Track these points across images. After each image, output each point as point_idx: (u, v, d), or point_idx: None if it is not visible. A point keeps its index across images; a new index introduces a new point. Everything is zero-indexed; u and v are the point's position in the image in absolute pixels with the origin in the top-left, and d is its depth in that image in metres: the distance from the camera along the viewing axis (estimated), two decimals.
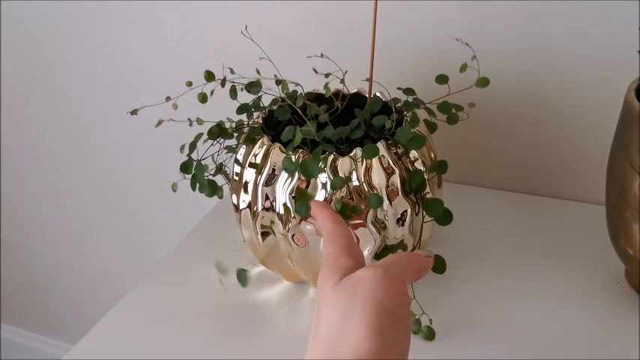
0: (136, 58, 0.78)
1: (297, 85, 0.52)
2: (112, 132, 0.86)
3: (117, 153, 0.88)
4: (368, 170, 0.45)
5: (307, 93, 0.54)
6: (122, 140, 0.86)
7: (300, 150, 0.45)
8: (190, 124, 0.50)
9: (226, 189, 0.53)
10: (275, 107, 0.52)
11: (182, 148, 0.51)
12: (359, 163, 0.45)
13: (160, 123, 0.51)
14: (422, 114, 0.52)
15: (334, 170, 0.44)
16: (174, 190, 0.56)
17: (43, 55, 0.84)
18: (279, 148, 0.46)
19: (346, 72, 0.49)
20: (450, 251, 0.53)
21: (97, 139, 0.88)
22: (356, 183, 0.45)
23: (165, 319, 0.51)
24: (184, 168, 0.50)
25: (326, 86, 0.51)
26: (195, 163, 0.50)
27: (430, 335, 0.45)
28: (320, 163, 0.43)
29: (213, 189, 0.52)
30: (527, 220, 0.59)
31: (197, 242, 0.59)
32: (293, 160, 0.44)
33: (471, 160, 0.66)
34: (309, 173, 0.42)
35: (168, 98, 0.54)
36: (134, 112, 0.54)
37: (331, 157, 0.44)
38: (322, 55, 0.48)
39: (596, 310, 0.48)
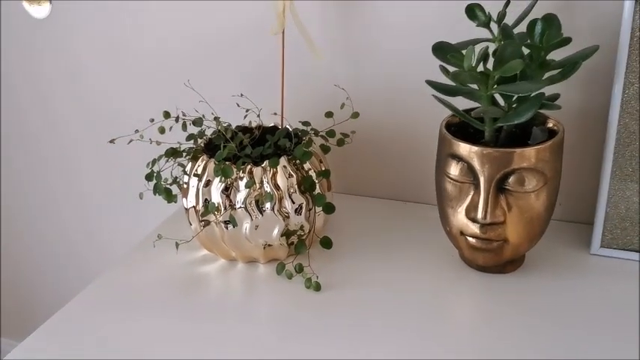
0: (114, 99, 0.99)
1: (228, 123, 0.74)
2: (93, 154, 1.06)
3: (97, 171, 1.07)
4: (274, 175, 0.67)
5: (237, 126, 0.75)
6: (101, 161, 1.05)
7: (227, 162, 0.66)
8: (151, 143, 0.71)
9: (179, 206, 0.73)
10: (213, 136, 0.74)
11: (148, 164, 0.72)
12: (268, 171, 0.66)
13: (113, 141, 0.73)
14: (320, 140, 0.75)
15: (251, 176, 0.66)
16: (141, 198, 0.76)
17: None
18: (213, 161, 0.67)
19: (261, 109, 0.72)
20: (339, 237, 0.75)
21: (81, 157, 1.07)
22: (266, 185, 0.66)
23: (134, 291, 0.69)
24: (148, 177, 0.70)
25: (245, 118, 0.73)
26: (155, 173, 0.71)
27: (317, 287, 0.66)
28: (240, 171, 0.65)
29: (169, 194, 0.72)
30: (400, 219, 0.80)
31: (155, 238, 0.79)
32: (220, 167, 0.65)
33: (360, 175, 0.87)
34: (227, 174, 0.64)
35: (136, 131, 0.75)
36: (112, 141, 0.75)
37: (249, 166, 0.66)
38: (242, 94, 0.71)
39: (437, 274, 0.69)
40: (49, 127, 1.06)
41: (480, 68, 0.59)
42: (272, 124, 0.76)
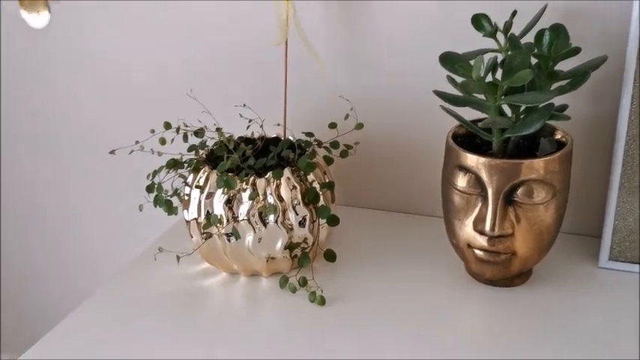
0: (113, 111, 0.97)
1: (230, 134, 0.73)
2: (90, 167, 1.04)
3: (94, 184, 1.06)
4: (278, 187, 0.65)
5: (239, 136, 0.74)
6: (98, 174, 1.04)
7: (230, 173, 0.65)
8: (152, 153, 0.70)
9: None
10: (215, 147, 0.73)
11: (148, 175, 0.70)
12: (271, 182, 0.65)
13: (113, 151, 0.72)
14: (323, 151, 0.74)
15: (254, 187, 0.65)
16: (141, 210, 0.74)
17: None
18: (216, 173, 0.66)
19: (264, 120, 0.71)
20: (343, 250, 0.73)
21: (76, 169, 1.05)
22: (270, 196, 0.65)
23: (134, 305, 0.67)
24: (149, 189, 0.69)
25: (247, 129, 0.72)
26: (156, 185, 0.69)
27: (322, 302, 0.65)
28: (243, 182, 0.64)
29: (169, 206, 0.71)
30: (404, 232, 0.79)
31: (155, 251, 0.77)
32: (223, 179, 0.64)
33: (364, 186, 0.86)
34: (230, 186, 0.62)
35: (137, 142, 0.73)
36: (112, 152, 0.74)
37: (252, 177, 0.65)
38: (244, 105, 0.70)
39: (444, 287, 0.67)
40: (43, 140, 1.04)
41: (488, 78, 0.58)
42: (274, 135, 0.75)
